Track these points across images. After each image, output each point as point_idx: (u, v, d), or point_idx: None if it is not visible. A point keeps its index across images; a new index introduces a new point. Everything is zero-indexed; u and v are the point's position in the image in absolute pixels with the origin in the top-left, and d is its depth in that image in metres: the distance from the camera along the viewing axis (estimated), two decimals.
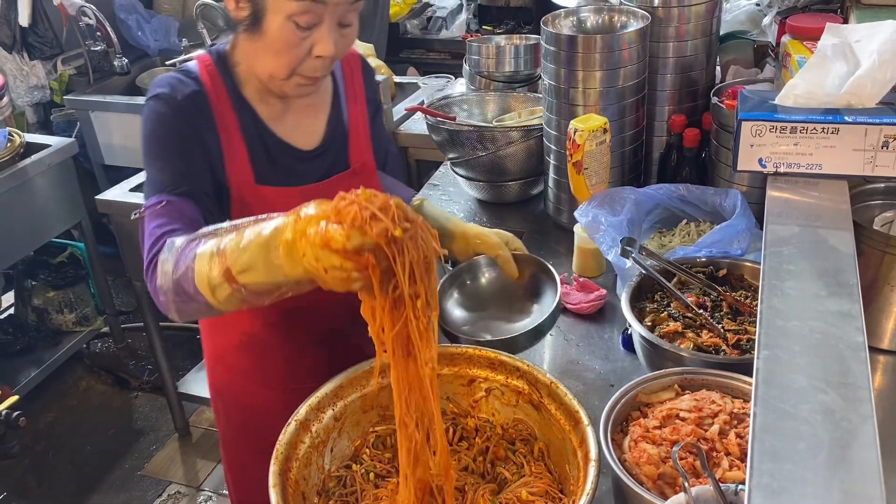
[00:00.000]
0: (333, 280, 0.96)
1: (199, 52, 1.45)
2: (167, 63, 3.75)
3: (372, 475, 1.26)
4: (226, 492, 2.92)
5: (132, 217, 1.31)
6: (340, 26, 1.27)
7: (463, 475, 1.22)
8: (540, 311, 1.55)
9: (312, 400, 1.26)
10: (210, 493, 2.94)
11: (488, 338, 1.48)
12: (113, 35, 3.69)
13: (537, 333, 1.48)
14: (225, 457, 1.79)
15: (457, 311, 1.60)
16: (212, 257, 1.06)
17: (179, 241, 1.14)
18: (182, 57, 3.37)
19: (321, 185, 1.43)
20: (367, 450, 1.31)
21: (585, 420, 1.17)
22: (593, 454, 1.11)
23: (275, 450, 1.17)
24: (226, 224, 1.11)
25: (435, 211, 1.61)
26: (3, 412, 1.91)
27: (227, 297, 1.07)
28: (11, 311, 3.60)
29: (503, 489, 1.21)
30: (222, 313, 1.16)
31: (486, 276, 1.63)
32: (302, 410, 1.24)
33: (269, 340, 1.56)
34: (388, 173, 1.64)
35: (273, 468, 1.14)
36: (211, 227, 1.12)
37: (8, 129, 3.05)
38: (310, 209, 0.97)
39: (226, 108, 1.34)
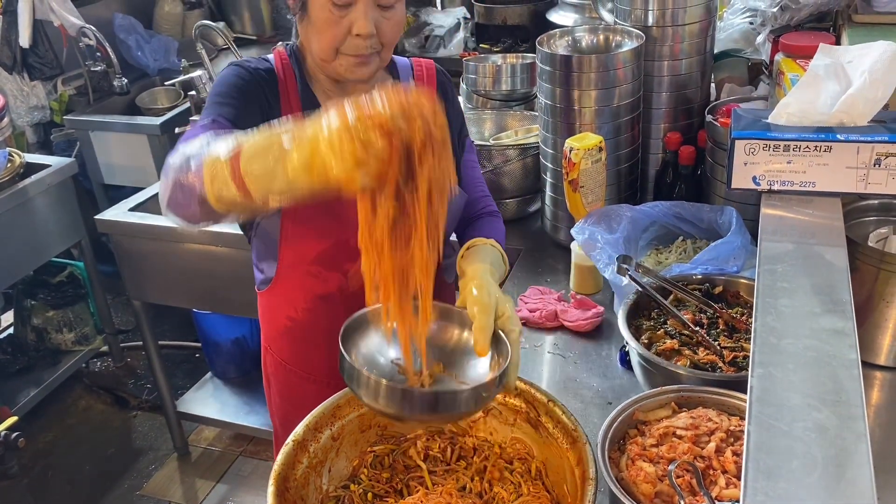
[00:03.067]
0: (351, 150, 0.88)
1: (278, 46, 1.52)
2: (167, 83, 3.77)
3: (370, 495, 1.26)
4: None
5: (176, 131, 1.34)
6: (381, 7, 1.33)
7: (460, 496, 1.22)
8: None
9: (310, 420, 1.26)
10: None
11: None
12: (113, 55, 3.72)
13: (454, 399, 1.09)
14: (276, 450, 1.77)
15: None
16: (229, 142, 1.02)
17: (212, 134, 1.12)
18: (181, 77, 3.38)
19: None
20: (365, 470, 1.31)
21: (583, 438, 1.17)
22: (591, 473, 1.11)
23: (272, 470, 1.17)
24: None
25: (473, 255, 1.36)
26: (3, 433, 1.91)
27: (221, 178, 1.00)
28: (11, 330, 3.60)
29: None
30: (210, 218, 1.10)
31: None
32: (300, 430, 1.24)
33: (312, 327, 1.56)
34: (467, 176, 1.61)
35: (270, 489, 1.14)
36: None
37: (8, 149, 3.07)
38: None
39: (293, 95, 1.42)
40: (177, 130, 1.37)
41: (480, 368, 1.20)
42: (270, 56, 1.46)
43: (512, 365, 1.15)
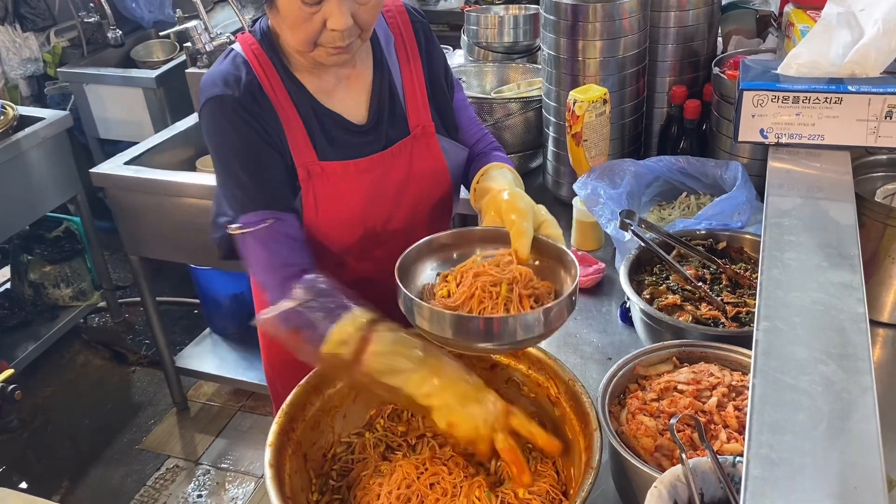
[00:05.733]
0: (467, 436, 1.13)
1: (241, 32, 1.40)
2: (161, 34, 3.71)
3: (383, 447, 1.25)
4: (224, 465, 2.94)
5: (230, 231, 1.32)
6: None
7: (465, 465, 1.20)
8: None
9: None
10: (208, 467, 2.95)
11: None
12: (106, 6, 3.64)
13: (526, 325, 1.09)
14: None
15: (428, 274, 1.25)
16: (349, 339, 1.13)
17: (322, 286, 1.21)
18: (176, 28, 3.32)
19: (384, 155, 1.39)
20: (382, 420, 1.30)
21: (594, 424, 1.12)
22: (594, 462, 1.07)
23: (280, 410, 1.17)
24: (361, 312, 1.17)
25: (492, 176, 1.37)
26: None
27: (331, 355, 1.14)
28: (8, 285, 3.59)
29: (503, 483, 1.18)
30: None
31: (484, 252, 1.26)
32: (313, 377, 1.23)
33: None
34: (461, 117, 1.54)
35: (274, 427, 1.14)
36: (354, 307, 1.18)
37: (1, 101, 3.02)
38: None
39: (278, 87, 1.32)
40: (229, 230, 1.35)
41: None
42: (238, 49, 1.34)
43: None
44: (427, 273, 1.24)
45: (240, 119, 1.28)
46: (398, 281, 1.14)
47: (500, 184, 1.32)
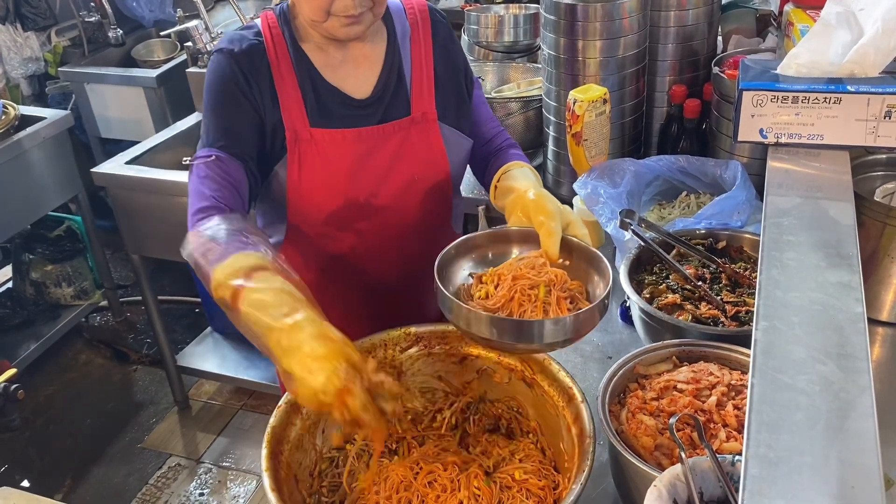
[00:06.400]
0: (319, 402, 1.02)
1: (267, 9, 1.50)
2: (162, 34, 3.71)
3: (366, 456, 1.25)
4: (225, 463, 2.95)
5: (183, 161, 1.36)
6: None
7: (455, 454, 1.21)
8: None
9: None
10: (210, 465, 2.96)
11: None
12: (107, 6, 3.65)
13: (557, 329, 1.12)
14: None
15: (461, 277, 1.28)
16: (230, 279, 1.12)
17: (223, 229, 1.23)
18: (177, 27, 3.32)
19: (375, 129, 1.43)
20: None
21: (579, 396, 1.16)
22: (588, 430, 1.10)
23: (265, 433, 1.16)
24: (262, 247, 1.18)
25: (515, 176, 1.41)
26: (1, 385, 1.91)
27: (219, 299, 1.15)
28: (9, 284, 3.60)
29: (496, 469, 1.20)
30: None
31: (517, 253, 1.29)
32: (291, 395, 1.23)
33: (325, 288, 1.49)
34: (479, 113, 1.59)
35: (264, 451, 1.13)
36: (252, 239, 1.20)
37: (2, 101, 3.03)
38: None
39: (283, 56, 1.40)
40: (184, 161, 1.41)
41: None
42: (257, 21, 1.44)
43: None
44: (462, 273, 1.27)
45: (229, 69, 1.37)
46: (437, 282, 1.15)
47: (523, 184, 1.35)
